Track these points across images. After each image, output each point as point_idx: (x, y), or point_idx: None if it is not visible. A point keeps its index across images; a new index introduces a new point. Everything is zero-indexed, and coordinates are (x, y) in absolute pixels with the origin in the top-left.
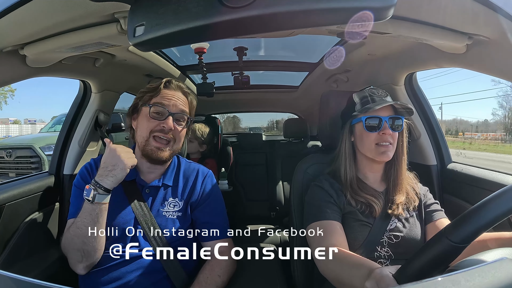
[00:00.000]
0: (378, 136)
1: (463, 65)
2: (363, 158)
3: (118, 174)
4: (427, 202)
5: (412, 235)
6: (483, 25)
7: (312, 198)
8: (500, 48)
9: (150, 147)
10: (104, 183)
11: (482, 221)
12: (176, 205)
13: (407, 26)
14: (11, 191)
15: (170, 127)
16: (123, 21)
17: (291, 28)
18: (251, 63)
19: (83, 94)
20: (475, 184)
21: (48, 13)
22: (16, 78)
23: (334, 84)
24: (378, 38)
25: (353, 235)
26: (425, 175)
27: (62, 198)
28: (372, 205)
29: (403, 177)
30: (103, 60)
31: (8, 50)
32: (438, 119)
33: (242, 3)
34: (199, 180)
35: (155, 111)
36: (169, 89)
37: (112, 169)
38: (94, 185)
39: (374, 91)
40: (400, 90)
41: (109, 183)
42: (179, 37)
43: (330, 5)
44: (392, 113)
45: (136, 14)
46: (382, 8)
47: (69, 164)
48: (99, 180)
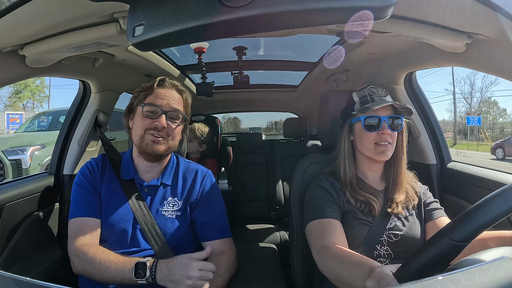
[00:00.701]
0: (377, 135)
1: (463, 64)
2: (362, 157)
3: (169, 284)
4: (427, 201)
5: (411, 233)
6: (482, 24)
7: (312, 197)
8: (499, 47)
9: (146, 142)
10: (157, 276)
11: (483, 219)
12: (176, 204)
13: (407, 26)
14: (11, 191)
15: (162, 125)
16: (122, 21)
17: (291, 28)
18: (250, 62)
19: (82, 94)
20: (475, 183)
21: (47, 13)
22: (16, 78)
23: (334, 83)
24: (377, 38)
25: (352, 233)
26: (425, 174)
27: (62, 198)
28: (372, 204)
29: (403, 176)
30: (102, 60)
31: (7, 50)
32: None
33: (242, 2)
34: (198, 179)
35: (148, 110)
36: (163, 87)
37: (171, 276)
38: (151, 271)
39: (374, 90)
40: (399, 89)
41: (159, 279)
42: (179, 37)
43: (329, 4)
44: (391, 112)
45: (136, 14)
46: (381, 7)
47: (69, 164)
48: (158, 270)
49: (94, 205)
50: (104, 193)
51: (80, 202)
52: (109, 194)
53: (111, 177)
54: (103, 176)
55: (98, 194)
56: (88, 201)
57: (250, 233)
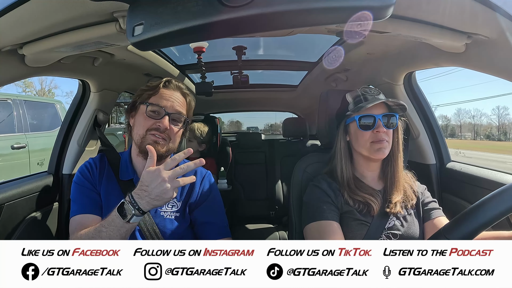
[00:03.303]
0: (372, 134)
1: (462, 64)
2: (359, 157)
3: (156, 202)
4: (425, 200)
5: (410, 233)
6: (482, 24)
7: (310, 198)
8: (499, 48)
9: (148, 141)
10: (141, 206)
11: (481, 220)
12: (174, 205)
13: (406, 26)
14: (10, 191)
15: (165, 126)
16: (122, 20)
17: (290, 27)
18: (250, 62)
19: (82, 93)
20: (474, 183)
21: (47, 13)
22: (15, 77)
23: (333, 83)
24: (377, 37)
25: (351, 234)
26: (424, 174)
27: (61, 197)
28: (370, 204)
29: (400, 174)
30: (102, 60)
31: (6, 49)
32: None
33: (241, 2)
34: (198, 180)
35: (151, 110)
36: (168, 88)
37: (151, 194)
38: (133, 204)
39: (367, 89)
40: (399, 89)
41: (145, 206)
42: (178, 37)
43: (329, 4)
44: (385, 110)
45: (135, 13)
46: (381, 7)
47: (68, 163)
48: (137, 199)
49: (94, 203)
50: (103, 193)
51: (81, 200)
52: (107, 195)
53: (109, 178)
54: (101, 176)
55: (98, 193)
56: (89, 198)
57: (250, 233)
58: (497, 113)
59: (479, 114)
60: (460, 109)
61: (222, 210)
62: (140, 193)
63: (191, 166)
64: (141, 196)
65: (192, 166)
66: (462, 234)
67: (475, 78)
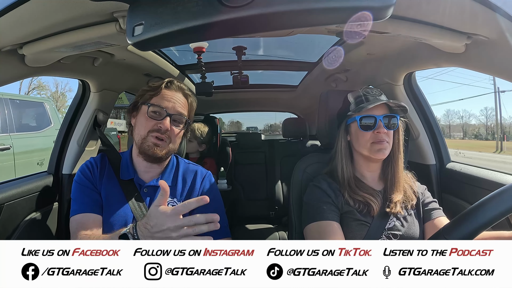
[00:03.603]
0: (373, 135)
1: (462, 65)
2: (360, 157)
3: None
4: (425, 201)
5: (410, 233)
6: (482, 24)
7: (310, 198)
8: (499, 48)
9: (148, 143)
10: (142, 239)
11: (481, 220)
12: (174, 205)
13: (406, 26)
14: (10, 191)
15: (166, 127)
16: (122, 20)
17: (290, 28)
18: (250, 62)
19: (82, 93)
20: (474, 184)
21: (47, 13)
22: (15, 77)
23: (333, 83)
24: (377, 38)
25: (351, 234)
26: (424, 174)
27: (61, 197)
28: (370, 204)
29: (400, 175)
30: (102, 60)
31: (6, 49)
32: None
33: (241, 2)
34: (198, 180)
35: (153, 111)
36: (170, 89)
37: (154, 236)
38: (134, 238)
39: (369, 90)
40: (399, 89)
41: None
42: (178, 37)
43: (329, 4)
44: (386, 111)
45: (135, 13)
46: (381, 7)
47: (68, 163)
48: (140, 235)
49: (95, 202)
50: (103, 193)
51: (81, 199)
52: (108, 194)
53: (110, 177)
54: (102, 176)
55: (98, 192)
56: (89, 198)
57: (250, 233)
58: (485, 114)
59: (468, 114)
60: (449, 110)
61: (222, 210)
62: (143, 230)
63: (193, 204)
64: (143, 234)
65: (194, 205)
66: (461, 235)
67: (460, 79)
